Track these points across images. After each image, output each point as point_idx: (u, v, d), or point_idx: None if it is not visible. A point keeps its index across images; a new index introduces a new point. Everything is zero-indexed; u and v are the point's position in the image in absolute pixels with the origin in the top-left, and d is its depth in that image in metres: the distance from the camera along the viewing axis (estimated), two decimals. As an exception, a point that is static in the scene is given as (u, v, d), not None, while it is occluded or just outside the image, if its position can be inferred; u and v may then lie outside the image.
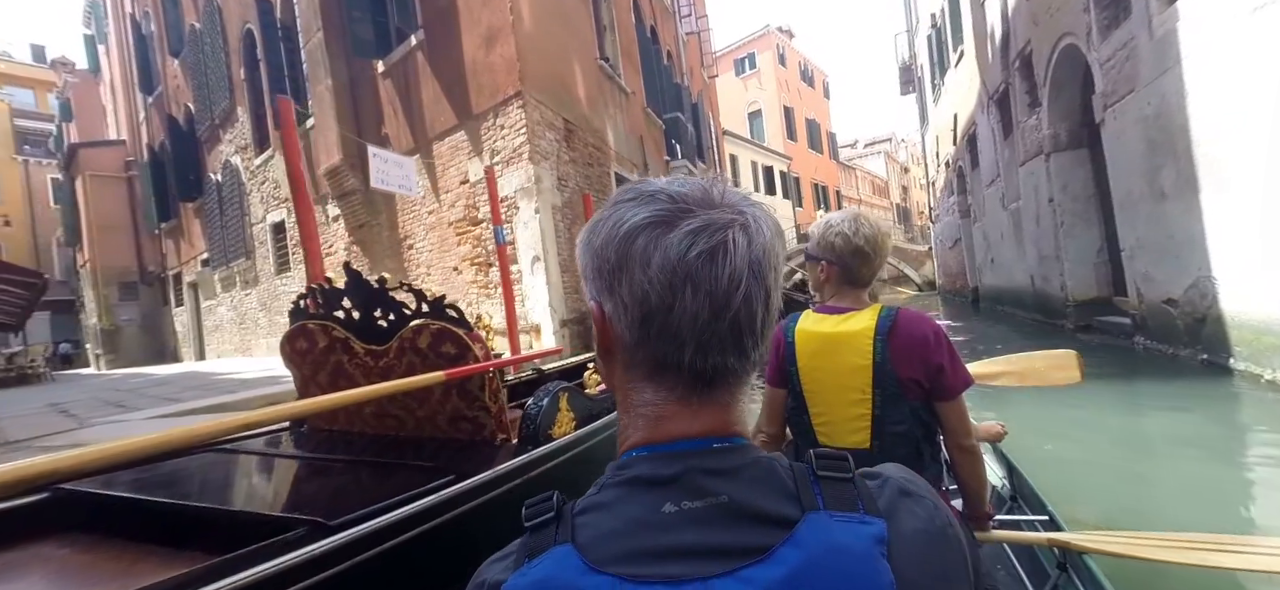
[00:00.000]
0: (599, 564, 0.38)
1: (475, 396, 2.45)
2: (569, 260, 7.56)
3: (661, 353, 0.43)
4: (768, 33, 34.40)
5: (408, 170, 4.40)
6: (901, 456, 1.18)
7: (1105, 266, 7.49)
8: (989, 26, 9.75)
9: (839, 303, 1.35)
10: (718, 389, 0.44)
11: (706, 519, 0.39)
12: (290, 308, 2.76)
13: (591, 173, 8.82)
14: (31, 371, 13.77)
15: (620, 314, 0.43)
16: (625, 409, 0.47)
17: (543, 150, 7.20)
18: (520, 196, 7.02)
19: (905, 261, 28.45)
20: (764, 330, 0.43)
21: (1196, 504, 3.08)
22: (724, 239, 0.41)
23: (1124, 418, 4.54)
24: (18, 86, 28.08)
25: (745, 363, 0.44)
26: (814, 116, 38.15)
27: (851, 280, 1.35)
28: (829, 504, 0.40)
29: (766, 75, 34.33)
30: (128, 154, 19.72)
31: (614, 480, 0.43)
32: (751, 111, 34.66)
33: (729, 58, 34.76)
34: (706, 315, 0.41)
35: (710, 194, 0.43)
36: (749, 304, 0.41)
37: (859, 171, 46.51)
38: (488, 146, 7.38)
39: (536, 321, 7.04)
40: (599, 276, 0.44)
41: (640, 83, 12.37)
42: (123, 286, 19.64)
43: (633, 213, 0.42)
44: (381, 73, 8.80)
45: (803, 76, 37.76)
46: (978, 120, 11.61)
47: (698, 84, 18.84)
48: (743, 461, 0.42)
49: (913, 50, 20.18)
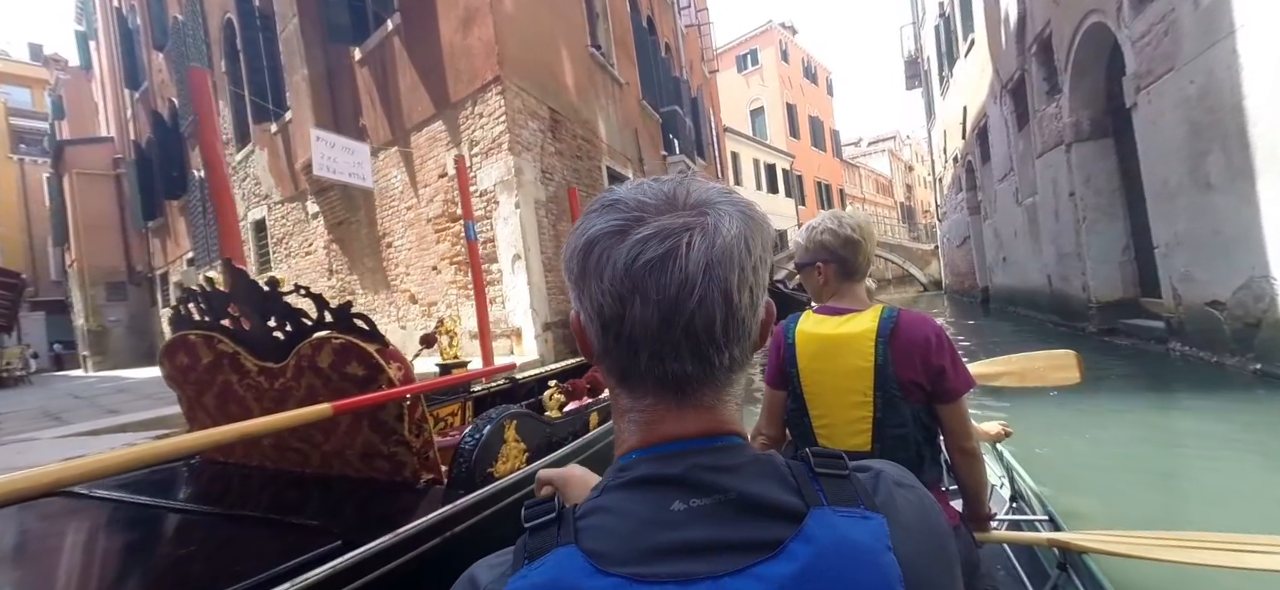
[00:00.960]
0: (606, 565, 0.37)
1: (391, 429, 1.94)
2: (554, 259, 7.06)
3: (623, 361, 0.43)
4: (770, 28, 33.90)
5: (360, 158, 3.90)
6: (902, 459, 1.08)
7: (1131, 265, 6.94)
8: (1003, 11, 9.20)
9: (839, 303, 1.33)
10: (690, 395, 0.43)
11: (715, 515, 0.39)
12: (170, 313, 2.25)
13: (580, 166, 8.32)
14: (8, 374, 13.37)
15: (589, 322, 0.44)
16: (618, 414, 0.46)
17: (525, 141, 6.69)
18: (500, 190, 6.52)
19: (910, 260, 27.89)
20: (729, 333, 0.42)
21: (1243, 520, 2.65)
22: (676, 245, 0.40)
23: (1161, 441, 4.02)
24: (14, 85, 27.76)
25: (707, 368, 0.43)
26: (817, 114, 37.66)
27: (849, 273, 1.33)
28: (831, 500, 0.40)
29: (769, 72, 33.87)
30: (116, 151, 19.32)
31: (616, 482, 0.42)
32: (753, 109, 34.22)
33: (731, 54, 34.37)
34: (655, 323, 0.40)
35: (674, 197, 0.42)
36: (705, 308, 0.40)
37: (862, 170, 46.13)
38: (466, 137, 6.88)
39: (517, 324, 6.54)
40: (572, 285, 0.44)
41: (635, 74, 11.86)
42: (110, 287, 19.23)
43: (594, 222, 0.42)
44: (359, 60, 8.31)
45: (806, 73, 37.29)
46: (989, 112, 11.05)
47: (697, 79, 18.32)
48: (744, 459, 0.42)
49: (919, 43, 19.60)
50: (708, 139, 18.30)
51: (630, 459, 0.43)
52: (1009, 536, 1.69)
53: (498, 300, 6.76)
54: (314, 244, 10.03)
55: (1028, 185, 9.20)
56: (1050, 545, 1.59)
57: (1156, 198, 5.42)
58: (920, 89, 22.10)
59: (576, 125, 8.35)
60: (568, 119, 8.01)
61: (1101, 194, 6.98)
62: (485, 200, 6.71)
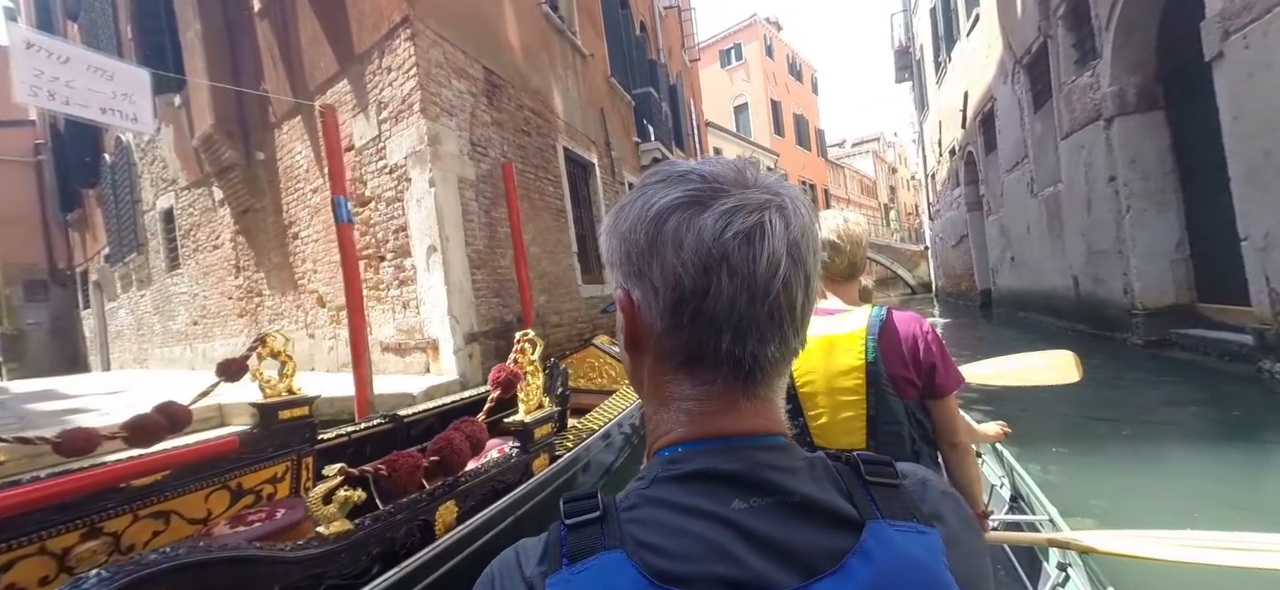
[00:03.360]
0: (664, 580, 0.34)
1: None
2: (488, 253, 5.69)
3: (696, 341, 0.40)
4: (754, 22, 32.84)
5: (126, 86, 2.50)
6: (897, 455, 0.93)
7: (1185, 264, 5.76)
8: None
9: (829, 305, 1.34)
10: (758, 382, 0.42)
11: (776, 516, 0.37)
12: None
13: (528, 142, 6.94)
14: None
15: (651, 300, 0.41)
16: (662, 403, 0.44)
17: (446, 102, 5.31)
18: (412, 163, 5.12)
19: (898, 261, 26.96)
20: (804, 317, 0.41)
21: None
22: (761, 220, 0.39)
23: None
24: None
25: (786, 351, 0.42)
26: (802, 112, 36.75)
27: (835, 278, 1.34)
28: (886, 512, 0.38)
29: (753, 67, 32.87)
30: (37, 136, 17.48)
31: (667, 475, 0.40)
32: (737, 105, 33.20)
33: (714, 49, 33.34)
34: (744, 300, 0.39)
35: (743, 175, 0.41)
36: (789, 289, 0.39)
37: (847, 170, 45.58)
38: (374, 98, 5.48)
39: (433, 335, 5.15)
40: (627, 261, 0.42)
41: (604, 48, 10.52)
42: (29, 285, 17.37)
43: (662, 193, 0.40)
44: (258, 10, 6.85)
45: (791, 70, 36.38)
46: (996, 94, 9.90)
47: (677, 65, 17.03)
48: (799, 460, 0.41)
49: (911, 32, 18.53)
50: (688, 130, 17.01)
51: (678, 451, 0.41)
52: (1009, 537, 1.67)
53: (411, 305, 5.36)
54: (221, 236, 8.54)
55: (1047, 173, 8.03)
56: (1050, 545, 1.58)
57: (1249, 176, 4.20)
58: (910, 82, 21.06)
59: (523, 94, 6.98)
60: (511, 85, 6.64)
61: (1151, 178, 5.79)
62: (396, 177, 5.31)
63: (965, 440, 1.28)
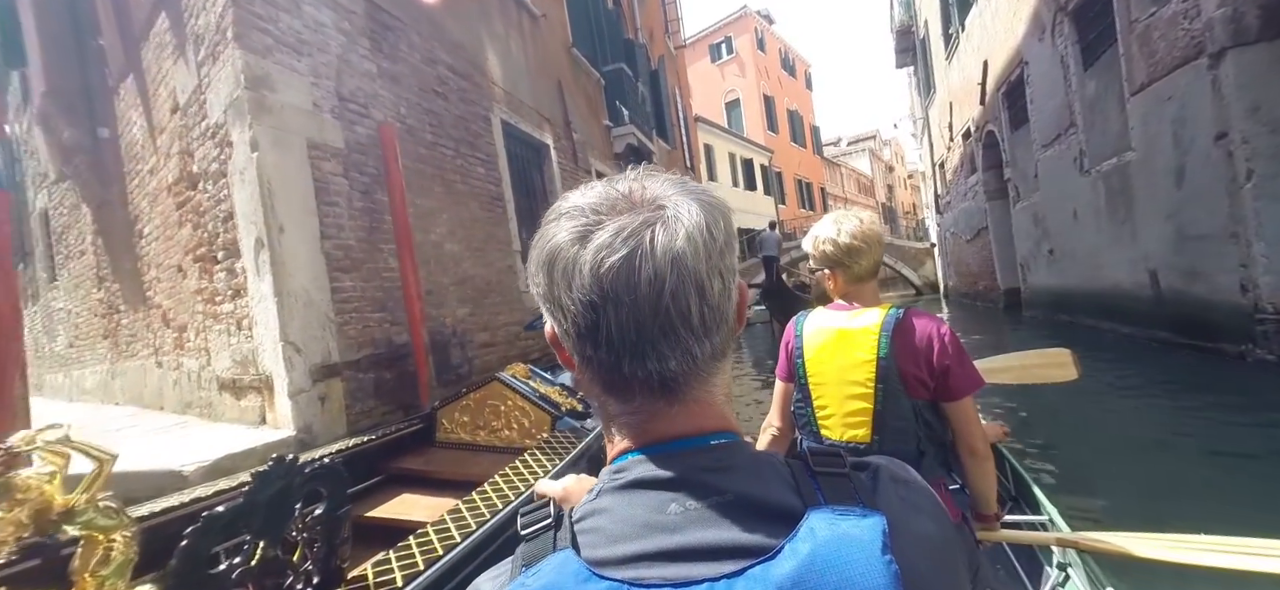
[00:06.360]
0: (604, 569, 0.36)
1: None
2: (363, 250, 4.04)
3: (604, 368, 0.42)
4: (746, 15, 31.41)
5: None
6: (902, 452, 1.08)
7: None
8: (1064, -102, 6.46)
9: (849, 301, 1.35)
10: (676, 391, 0.42)
11: (714, 517, 0.38)
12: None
13: (444, 108, 5.30)
14: None
15: (564, 334, 0.43)
16: (607, 419, 0.45)
17: (285, 32, 3.66)
18: (231, 117, 3.49)
19: (902, 260, 25.40)
20: (708, 321, 0.41)
21: None
22: (639, 243, 0.39)
23: None
24: None
25: (691, 362, 0.41)
26: (796, 108, 35.33)
27: (855, 277, 1.35)
28: (829, 498, 0.39)
29: (745, 61, 31.43)
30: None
31: (611, 485, 0.41)
32: (729, 101, 31.73)
33: (704, 43, 31.96)
34: (632, 327, 0.39)
35: (630, 196, 0.41)
36: (678, 301, 0.39)
37: (844, 168, 44.29)
38: (191, 31, 3.84)
39: (267, 370, 3.49)
40: (542, 297, 0.43)
41: (563, 12, 8.92)
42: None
43: (554, 231, 0.41)
44: (84, -59, 5.23)
45: (784, 65, 34.98)
46: (1028, 56, 8.31)
47: (660, 50, 15.46)
48: (740, 458, 0.41)
49: (913, 8, 17.00)
50: (673, 120, 15.42)
51: (624, 461, 0.42)
52: (1009, 536, 1.57)
53: (245, 323, 3.71)
54: (84, 239, 6.89)
55: (1106, 142, 6.43)
56: (1050, 545, 1.58)
57: None
58: (912, 66, 19.53)
59: (440, 47, 5.35)
60: (413, 30, 5.01)
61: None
62: (218, 142, 3.67)
63: (984, 447, 1.28)
